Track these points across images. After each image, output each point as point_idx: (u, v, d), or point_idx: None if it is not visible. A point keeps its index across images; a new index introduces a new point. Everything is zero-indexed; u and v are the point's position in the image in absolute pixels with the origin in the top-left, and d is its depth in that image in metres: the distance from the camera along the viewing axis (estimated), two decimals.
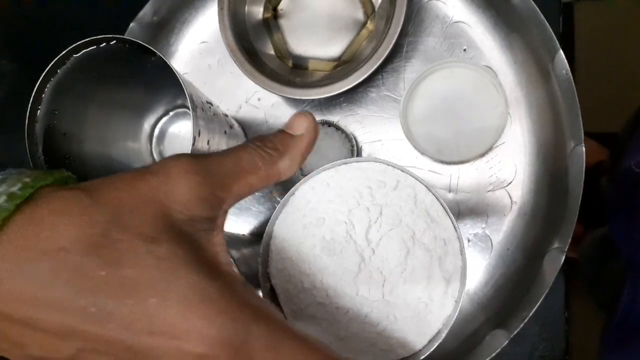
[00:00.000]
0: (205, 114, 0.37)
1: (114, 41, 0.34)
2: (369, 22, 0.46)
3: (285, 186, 0.46)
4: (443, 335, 0.28)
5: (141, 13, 0.48)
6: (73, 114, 0.36)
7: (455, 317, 0.29)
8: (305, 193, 0.31)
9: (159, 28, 0.50)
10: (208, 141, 0.36)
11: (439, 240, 0.29)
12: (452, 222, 0.29)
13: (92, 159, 0.38)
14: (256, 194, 0.48)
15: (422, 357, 0.29)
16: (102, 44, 0.34)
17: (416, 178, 0.30)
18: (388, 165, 0.30)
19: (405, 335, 0.29)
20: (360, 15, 0.47)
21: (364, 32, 0.47)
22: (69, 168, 0.36)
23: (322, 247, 0.30)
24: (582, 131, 0.39)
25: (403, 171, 0.30)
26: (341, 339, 0.29)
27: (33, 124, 0.35)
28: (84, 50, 0.34)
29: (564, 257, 0.39)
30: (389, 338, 0.29)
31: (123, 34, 0.47)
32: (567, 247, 0.39)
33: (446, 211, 0.29)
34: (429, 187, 0.30)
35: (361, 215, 0.30)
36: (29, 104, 0.34)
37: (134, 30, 0.48)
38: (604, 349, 0.51)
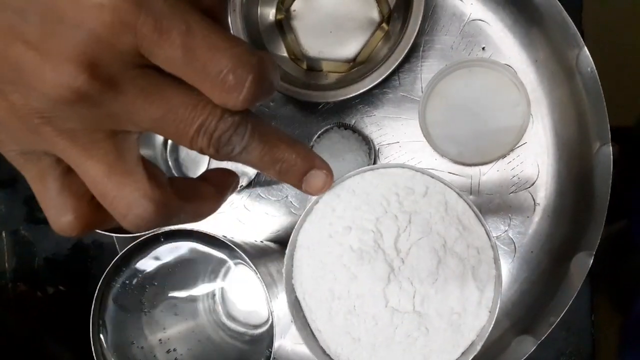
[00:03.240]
0: None
1: None
2: (384, 22, 0.45)
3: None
4: (478, 347, 0.27)
5: None
6: None
7: (490, 328, 0.28)
8: (330, 201, 0.30)
9: None
10: None
11: (471, 248, 0.28)
12: (486, 230, 0.28)
13: None
14: (271, 198, 0.47)
15: None
16: None
17: (446, 184, 0.29)
18: (416, 171, 0.29)
19: (438, 347, 0.28)
20: (375, 14, 0.46)
21: (380, 32, 0.46)
22: None
23: (349, 257, 0.29)
24: (609, 130, 0.38)
25: (432, 177, 0.29)
26: (372, 348, 0.28)
27: None
28: None
29: (591, 261, 0.37)
30: (422, 349, 0.28)
31: None
32: (595, 250, 0.38)
33: (479, 218, 0.28)
34: (460, 194, 0.29)
35: (389, 224, 0.29)
36: None
37: None
38: (623, 347, 0.49)
